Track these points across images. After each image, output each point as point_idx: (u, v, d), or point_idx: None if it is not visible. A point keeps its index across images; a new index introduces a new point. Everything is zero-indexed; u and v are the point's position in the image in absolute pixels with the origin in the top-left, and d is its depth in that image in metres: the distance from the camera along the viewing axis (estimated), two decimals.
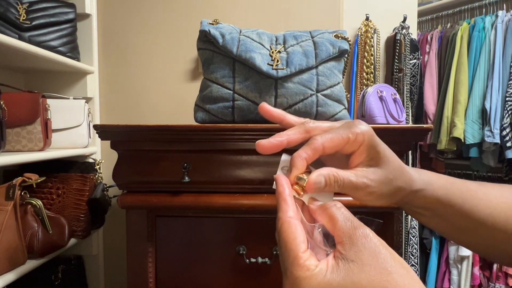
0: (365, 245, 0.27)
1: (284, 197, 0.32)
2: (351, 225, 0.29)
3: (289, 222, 0.30)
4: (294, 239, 0.28)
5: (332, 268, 0.27)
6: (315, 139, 0.34)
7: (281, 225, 0.30)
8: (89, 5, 1.22)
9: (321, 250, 0.29)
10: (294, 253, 0.28)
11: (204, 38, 0.85)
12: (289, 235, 0.29)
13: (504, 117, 1.72)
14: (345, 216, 0.30)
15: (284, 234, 0.29)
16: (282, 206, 0.31)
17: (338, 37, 0.85)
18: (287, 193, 0.32)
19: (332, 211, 0.30)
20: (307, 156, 0.33)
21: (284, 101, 0.80)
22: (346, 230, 0.28)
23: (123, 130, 0.74)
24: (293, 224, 0.29)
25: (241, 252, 0.77)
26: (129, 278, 0.78)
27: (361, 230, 0.28)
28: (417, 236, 1.55)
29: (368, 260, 0.26)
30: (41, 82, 1.25)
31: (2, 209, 0.84)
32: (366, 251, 0.27)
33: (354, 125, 0.35)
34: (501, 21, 1.79)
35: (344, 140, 0.34)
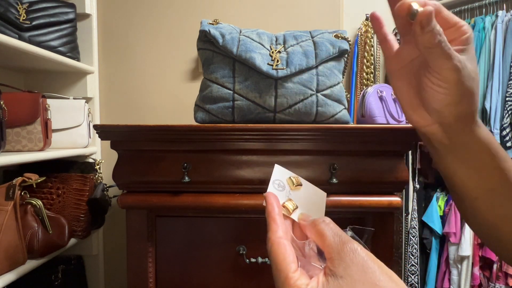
0: (353, 260, 0.27)
1: (273, 217, 0.32)
2: (339, 240, 0.29)
3: (278, 242, 0.30)
4: (284, 259, 0.29)
5: (323, 285, 0.27)
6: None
7: (271, 245, 0.30)
8: (89, 5, 1.22)
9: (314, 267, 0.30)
10: (284, 274, 0.28)
11: (204, 38, 0.85)
12: (279, 256, 0.29)
13: (504, 117, 1.72)
14: (334, 231, 0.30)
15: (274, 255, 0.30)
16: (271, 226, 0.31)
17: (338, 37, 0.85)
18: (276, 212, 0.32)
19: (321, 228, 0.30)
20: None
21: (284, 101, 0.80)
22: (334, 246, 0.29)
23: (123, 130, 0.74)
24: (283, 244, 0.30)
25: (241, 252, 0.77)
26: (129, 278, 0.78)
27: (349, 245, 0.28)
28: (417, 236, 1.55)
29: (357, 276, 0.26)
30: (41, 82, 1.25)
31: (2, 209, 0.84)
32: (355, 266, 0.27)
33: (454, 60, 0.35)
34: (501, 21, 1.79)
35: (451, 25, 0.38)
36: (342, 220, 0.50)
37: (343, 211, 0.74)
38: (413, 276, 1.47)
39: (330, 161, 0.73)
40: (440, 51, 0.34)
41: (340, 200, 0.72)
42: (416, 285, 1.47)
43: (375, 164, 0.74)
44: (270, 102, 0.80)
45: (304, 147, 0.75)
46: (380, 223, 0.74)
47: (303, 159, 0.75)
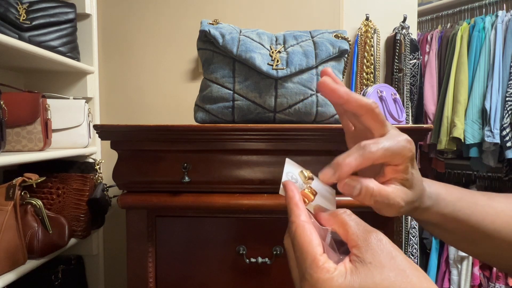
0: (381, 247, 0.28)
1: (296, 202, 0.32)
2: (363, 229, 0.29)
3: (303, 225, 0.30)
4: (311, 242, 0.28)
5: (351, 270, 0.27)
6: (371, 151, 0.32)
7: (295, 228, 0.30)
8: (89, 5, 1.22)
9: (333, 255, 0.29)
10: (312, 256, 0.28)
11: (204, 38, 0.85)
12: (305, 238, 0.29)
13: (504, 117, 1.72)
14: (357, 221, 0.30)
15: (299, 238, 0.29)
16: (294, 211, 0.31)
17: (338, 37, 0.85)
18: (298, 197, 0.32)
19: (343, 217, 0.30)
20: (356, 167, 0.32)
21: (284, 101, 0.80)
22: (360, 234, 0.29)
23: (123, 130, 0.74)
24: (308, 227, 0.29)
25: (241, 252, 0.77)
26: (129, 278, 0.78)
27: (375, 234, 0.28)
28: (417, 236, 1.55)
29: (385, 262, 0.27)
30: (41, 82, 1.24)
31: (2, 209, 0.84)
32: (382, 253, 0.27)
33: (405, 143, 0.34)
34: (501, 21, 1.79)
35: (390, 158, 0.33)
36: None
37: None
38: None
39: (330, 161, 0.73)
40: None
41: (340, 200, 0.72)
42: None
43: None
44: (270, 102, 0.80)
45: (304, 147, 0.75)
46: (380, 223, 0.74)
47: (303, 159, 0.75)
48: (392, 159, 0.33)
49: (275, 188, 0.76)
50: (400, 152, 0.33)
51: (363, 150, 0.32)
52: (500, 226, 0.40)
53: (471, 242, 0.42)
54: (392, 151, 0.33)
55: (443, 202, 0.40)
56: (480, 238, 0.41)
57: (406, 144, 0.34)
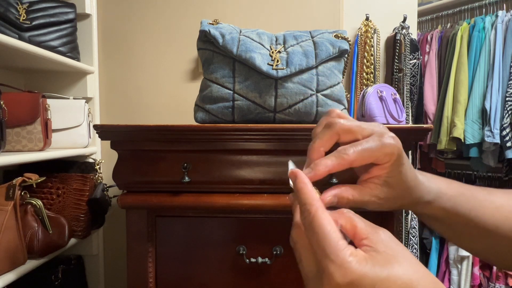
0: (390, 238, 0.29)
1: (310, 188, 0.31)
2: (371, 225, 0.30)
3: (322, 210, 0.29)
4: (331, 226, 0.28)
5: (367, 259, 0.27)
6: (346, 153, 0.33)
7: (314, 212, 0.29)
8: (89, 5, 1.22)
9: None
10: (335, 239, 0.27)
11: (204, 38, 0.85)
12: (325, 223, 0.28)
13: (504, 117, 1.72)
14: (362, 219, 0.30)
15: (319, 221, 0.28)
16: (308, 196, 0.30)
17: (338, 37, 0.85)
18: (311, 186, 0.31)
19: (349, 214, 0.30)
20: (333, 167, 0.33)
21: (284, 101, 0.80)
22: (368, 228, 0.29)
23: (123, 130, 0.74)
24: (326, 212, 0.29)
25: (241, 252, 0.77)
26: (129, 278, 0.78)
27: (383, 230, 0.29)
28: (417, 236, 1.55)
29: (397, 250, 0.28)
30: (41, 82, 1.24)
31: (2, 209, 0.84)
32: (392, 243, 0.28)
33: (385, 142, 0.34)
34: (501, 21, 1.79)
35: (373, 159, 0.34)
36: None
37: None
38: None
39: None
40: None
41: None
42: None
43: None
44: (270, 102, 0.80)
45: (304, 147, 0.74)
46: (380, 223, 0.74)
47: (303, 159, 0.75)
48: (375, 158, 0.34)
49: (275, 188, 0.76)
50: (381, 151, 0.34)
51: (339, 153, 0.33)
52: (499, 221, 0.40)
53: (471, 237, 0.42)
54: (371, 151, 0.33)
55: (444, 197, 0.40)
56: (479, 234, 0.41)
57: (387, 142, 0.34)
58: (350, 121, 0.35)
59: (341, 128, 0.34)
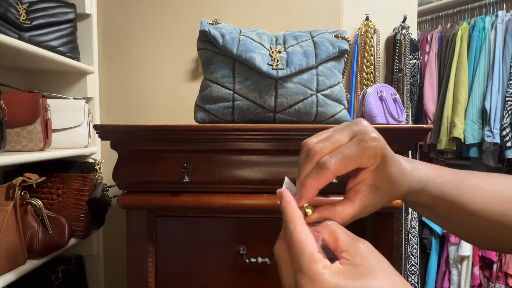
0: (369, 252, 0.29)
1: (293, 206, 0.33)
2: (351, 237, 0.31)
3: (301, 225, 0.31)
4: (308, 240, 0.30)
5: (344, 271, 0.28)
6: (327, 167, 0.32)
7: (293, 227, 0.31)
8: (89, 5, 1.22)
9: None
10: (309, 252, 0.29)
11: (204, 38, 0.85)
12: (301, 237, 0.30)
13: (504, 117, 1.72)
14: (344, 231, 0.31)
15: (297, 236, 0.30)
16: (290, 214, 0.32)
17: (338, 37, 0.85)
18: (293, 204, 0.34)
19: (332, 227, 0.31)
20: (318, 186, 0.33)
21: (284, 101, 0.80)
22: (349, 241, 0.30)
23: (123, 130, 0.74)
24: (305, 227, 0.31)
25: (241, 252, 0.77)
26: (129, 278, 0.78)
27: (362, 242, 0.30)
28: (417, 236, 1.55)
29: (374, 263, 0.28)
30: (41, 82, 1.24)
31: (2, 209, 0.84)
32: (371, 256, 0.29)
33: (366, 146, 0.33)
34: (501, 21, 1.79)
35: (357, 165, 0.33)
36: None
37: None
38: (413, 276, 1.47)
39: None
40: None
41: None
42: (416, 285, 1.47)
43: None
44: (270, 102, 0.80)
45: None
46: (380, 223, 0.74)
47: None
48: (359, 164, 0.33)
49: (275, 188, 0.76)
50: (364, 156, 0.33)
51: (321, 168, 0.33)
52: (485, 206, 0.41)
53: (457, 222, 0.43)
54: (353, 158, 0.32)
55: (432, 185, 0.40)
56: (466, 218, 0.42)
57: (368, 145, 0.33)
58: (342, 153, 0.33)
59: (336, 169, 0.33)
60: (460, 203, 0.41)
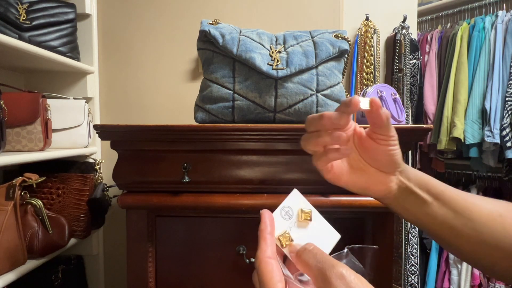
0: (341, 284, 0.28)
1: (264, 236, 0.34)
2: (322, 267, 0.30)
3: (266, 261, 0.32)
4: (271, 278, 0.30)
5: None
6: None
7: (259, 264, 0.32)
8: (89, 5, 1.22)
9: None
10: (272, 285, 0.29)
11: (204, 38, 0.85)
12: (266, 275, 0.31)
13: (504, 117, 1.72)
14: (317, 259, 0.31)
15: (261, 273, 0.31)
16: (261, 245, 0.34)
17: (338, 37, 0.85)
18: (268, 231, 0.35)
19: (304, 258, 0.32)
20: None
21: (284, 101, 0.80)
22: (319, 274, 0.30)
23: (123, 130, 0.74)
24: (270, 263, 0.31)
25: (241, 252, 0.77)
26: (129, 278, 0.78)
27: (335, 270, 0.29)
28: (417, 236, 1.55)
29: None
30: (41, 82, 1.24)
31: (2, 209, 0.84)
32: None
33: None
34: (501, 21, 1.79)
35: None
36: (342, 220, 0.50)
37: (344, 211, 0.74)
38: (413, 276, 1.47)
39: None
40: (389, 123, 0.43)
41: (340, 200, 0.72)
42: (416, 285, 1.47)
43: None
44: (270, 102, 0.80)
45: None
46: (380, 223, 0.74)
47: (303, 159, 0.75)
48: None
49: (275, 188, 0.76)
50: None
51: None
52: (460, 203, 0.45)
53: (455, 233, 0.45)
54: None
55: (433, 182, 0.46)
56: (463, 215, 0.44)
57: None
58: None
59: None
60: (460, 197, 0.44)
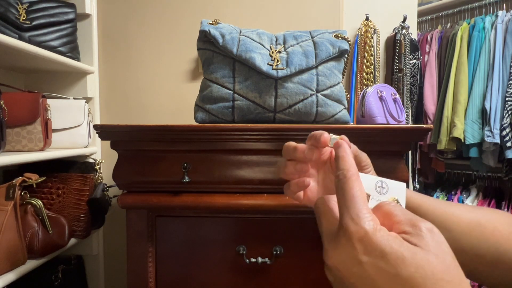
0: (431, 235, 0.27)
1: (351, 158, 0.33)
2: (411, 217, 0.29)
3: (356, 178, 0.31)
4: (361, 193, 0.30)
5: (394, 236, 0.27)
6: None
7: (350, 175, 0.31)
8: (89, 5, 1.22)
9: None
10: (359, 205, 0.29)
11: (204, 38, 0.85)
12: (356, 185, 0.30)
13: (504, 117, 1.72)
14: (403, 211, 0.30)
15: (351, 185, 0.30)
16: (347, 162, 0.32)
17: (338, 37, 0.85)
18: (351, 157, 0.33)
19: (388, 208, 0.30)
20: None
21: (284, 101, 0.80)
22: (407, 222, 0.28)
23: (123, 130, 0.74)
24: (359, 181, 0.31)
25: (241, 252, 0.77)
26: (129, 278, 0.78)
27: (426, 224, 0.28)
28: None
29: (432, 248, 0.26)
30: (41, 82, 1.24)
31: (2, 209, 0.84)
32: (430, 240, 0.27)
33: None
34: (501, 21, 1.79)
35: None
36: None
37: None
38: None
39: None
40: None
41: None
42: None
43: (375, 164, 0.74)
44: (270, 102, 0.80)
45: None
46: None
47: None
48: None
49: (275, 188, 0.76)
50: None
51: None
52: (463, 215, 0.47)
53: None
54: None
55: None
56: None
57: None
58: None
59: None
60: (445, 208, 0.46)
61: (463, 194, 2.01)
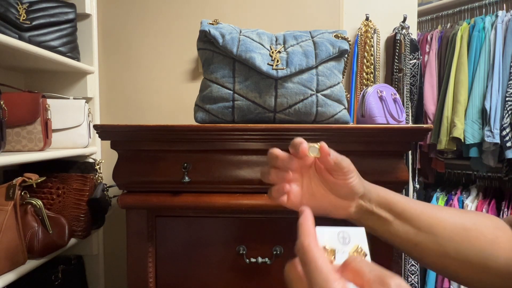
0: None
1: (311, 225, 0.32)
2: (380, 273, 0.28)
3: (318, 247, 0.30)
4: (323, 260, 0.29)
5: None
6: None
7: (308, 243, 0.30)
8: (89, 5, 1.22)
9: None
10: (326, 271, 0.28)
11: (204, 38, 0.85)
12: (316, 255, 0.29)
13: (504, 117, 1.72)
14: (371, 266, 0.29)
15: (312, 256, 0.29)
16: (306, 234, 0.31)
17: (338, 37, 0.85)
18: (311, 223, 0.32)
19: (355, 265, 0.30)
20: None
21: (284, 101, 0.80)
22: (376, 279, 0.28)
23: (123, 130, 0.74)
24: (319, 248, 0.30)
25: (241, 252, 0.77)
26: (129, 278, 0.78)
27: (394, 280, 0.27)
28: None
29: None
30: (41, 82, 1.24)
31: (2, 209, 0.84)
32: None
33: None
34: (501, 21, 1.79)
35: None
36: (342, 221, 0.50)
37: None
38: (413, 276, 1.47)
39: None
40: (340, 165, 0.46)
41: None
42: (416, 285, 1.47)
43: (375, 164, 0.74)
44: (270, 102, 0.80)
45: None
46: None
47: None
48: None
49: None
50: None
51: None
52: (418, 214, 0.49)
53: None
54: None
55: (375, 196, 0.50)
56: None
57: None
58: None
59: None
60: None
61: (463, 194, 2.01)
